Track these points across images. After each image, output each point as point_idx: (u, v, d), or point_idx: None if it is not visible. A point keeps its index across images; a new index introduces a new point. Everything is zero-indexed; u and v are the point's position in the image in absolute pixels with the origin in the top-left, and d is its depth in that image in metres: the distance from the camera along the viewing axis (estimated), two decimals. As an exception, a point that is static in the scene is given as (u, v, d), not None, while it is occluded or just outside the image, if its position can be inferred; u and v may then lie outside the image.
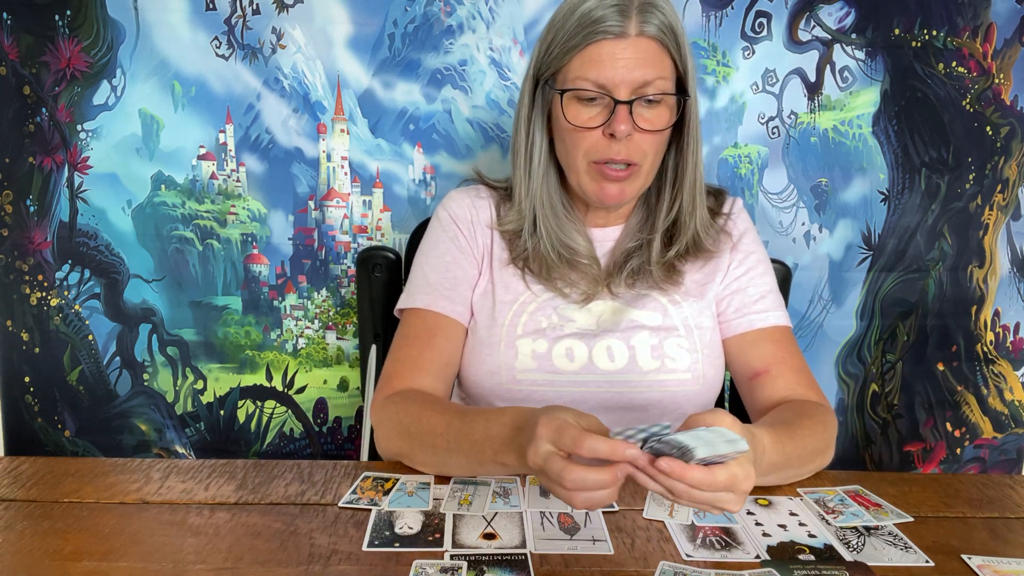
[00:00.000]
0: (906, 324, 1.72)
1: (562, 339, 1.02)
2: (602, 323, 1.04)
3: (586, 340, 1.02)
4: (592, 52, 0.93)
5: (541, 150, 1.02)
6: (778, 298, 1.07)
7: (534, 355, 1.01)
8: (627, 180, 0.97)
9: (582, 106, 0.95)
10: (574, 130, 0.96)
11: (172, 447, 1.74)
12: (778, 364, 1.01)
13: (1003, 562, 0.72)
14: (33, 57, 1.55)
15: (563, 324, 1.03)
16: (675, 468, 0.65)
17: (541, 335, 1.02)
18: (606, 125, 0.94)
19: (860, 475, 0.91)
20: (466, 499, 0.80)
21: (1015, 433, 1.77)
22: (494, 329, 1.02)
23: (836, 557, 0.72)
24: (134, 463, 0.88)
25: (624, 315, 1.04)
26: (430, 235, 1.09)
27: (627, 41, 0.92)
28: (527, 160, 1.03)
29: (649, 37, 0.93)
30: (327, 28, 1.55)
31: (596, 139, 0.95)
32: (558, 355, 1.01)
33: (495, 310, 1.04)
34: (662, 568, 0.69)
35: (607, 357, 1.02)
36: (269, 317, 1.68)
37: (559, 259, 1.03)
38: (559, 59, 0.96)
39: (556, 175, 1.05)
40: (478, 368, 1.02)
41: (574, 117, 0.95)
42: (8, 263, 1.64)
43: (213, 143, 1.60)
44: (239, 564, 0.68)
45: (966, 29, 1.59)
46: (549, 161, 1.03)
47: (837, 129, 1.63)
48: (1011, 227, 1.68)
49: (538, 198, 1.03)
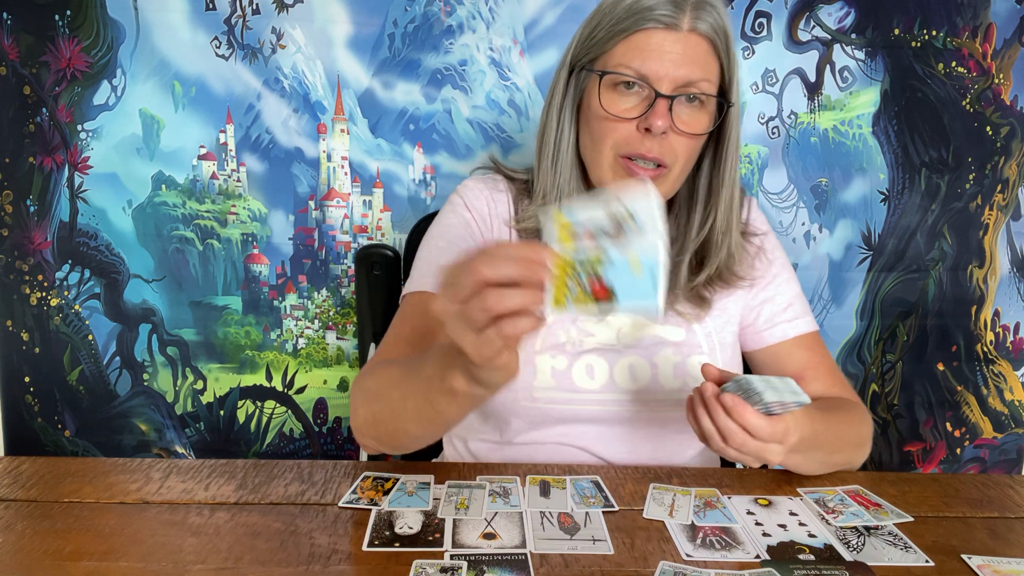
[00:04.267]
0: (906, 324, 1.72)
1: (582, 355, 0.97)
2: (623, 337, 0.99)
3: (607, 357, 0.98)
4: (639, 40, 0.87)
5: (569, 143, 0.96)
6: (804, 301, 1.05)
7: (553, 372, 0.96)
8: (653, 183, 0.89)
9: (619, 95, 0.89)
10: (606, 119, 0.89)
11: (172, 447, 1.74)
12: (812, 370, 0.99)
13: (1003, 562, 0.72)
14: (33, 57, 1.55)
15: (582, 339, 0.98)
16: (737, 407, 0.71)
17: (560, 351, 0.97)
18: (642, 118, 0.88)
19: (860, 475, 0.91)
20: (463, 503, 0.80)
21: (1015, 433, 1.77)
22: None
23: (836, 557, 0.72)
24: (134, 463, 0.88)
25: (646, 329, 0.99)
26: (442, 220, 1.03)
27: (677, 34, 0.87)
28: (555, 152, 0.96)
29: (700, 35, 0.88)
30: (327, 28, 1.55)
31: (628, 132, 0.89)
32: (578, 373, 0.97)
33: None
34: (662, 568, 0.69)
35: (629, 376, 0.97)
36: (269, 317, 1.68)
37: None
38: (602, 44, 0.90)
39: (580, 173, 0.98)
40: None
41: (609, 104, 0.89)
42: (8, 263, 1.64)
43: (213, 143, 1.60)
44: (239, 564, 0.68)
45: (966, 29, 1.59)
46: (575, 156, 0.97)
47: (837, 129, 1.63)
48: (1011, 227, 1.68)
49: (566, 194, 0.97)
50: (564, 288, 0.59)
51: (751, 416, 0.70)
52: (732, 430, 0.73)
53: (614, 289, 0.58)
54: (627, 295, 0.58)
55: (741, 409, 0.71)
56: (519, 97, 1.60)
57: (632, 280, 0.57)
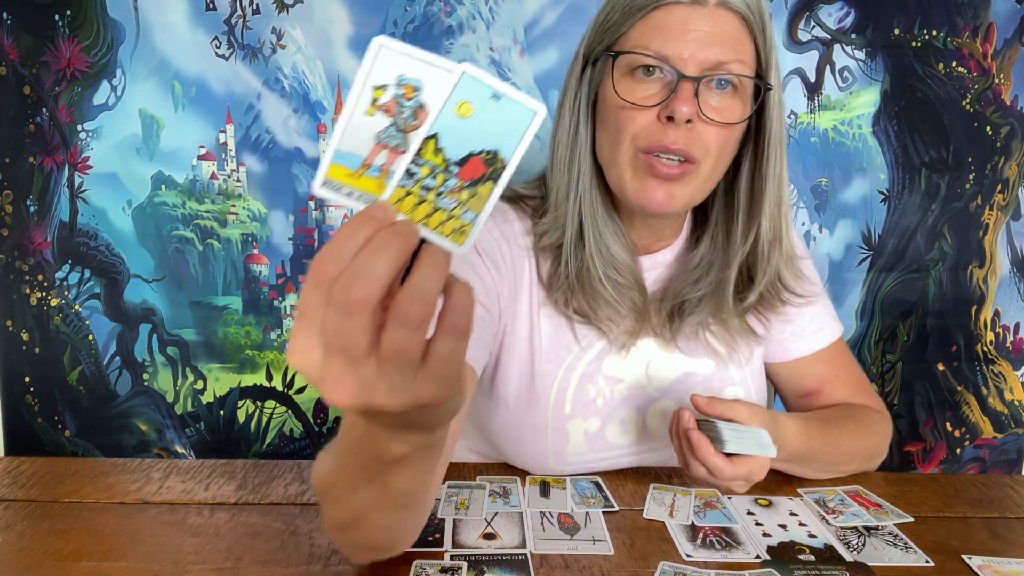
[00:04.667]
0: (906, 324, 1.71)
1: (615, 412, 0.90)
2: (652, 373, 0.90)
3: (639, 407, 0.90)
4: (658, 17, 0.76)
5: (586, 143, 0.84)
6: (827, 304, 0.98)
7: (587, 436, 0.88)
8: (679, 182, 0.78)
9: (636, 81, 0.77)
10: (623, 108, 0.78)
11: (172, 447, 1.74)
12: (831, 383, 0.95)
13: (1003, 562, 0.72)
14: (33, 57, 1.55)
15: (612, 389, 0.89)
16: (701, 447, 0.72)
17: (592, 410, 0.88)
18: (664, 105, 0.76)
19: (860, 475, 0.91)
20: (462, 503, 0.80)
21: (1015, 433, 1.77)
22: (538, 411, 0.87)
23: (836, 557, 0.72)
24: (134, 463, 0.88)
25: (674, 360, 0.91)
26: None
27: (704, 10, 0.75)
28: (569, 153, 0.84)
29: (730, 9, 0.76)
30: (327, 28, 1.55)
31: (649, 121, 0.77)
32: (612, 431, 0.90)
33: (535, 385, 0.87)
34: (662, 568, 0.68)
35: (662, 422, 0.91)
36: (269, 317, 1.68)
37: (606, 280, 0.84)
38: (617, 27, 0.78)
39: (598, 176, 0.86)
40: (519, 450, 0.89)
41: (626, 92, 0.77)
42: (8, 263, 1.64)
43: (213, 143, 1.60)
44: (239, 564, 0.68)
45: (966, 29, 1.59)
46: (593, 161, 0.85)
47: (837, 129, 1.63)
48: (1011, 227, 1.68)
49: (586, 202, 0.84)
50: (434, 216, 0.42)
51: (713, 458, 0.71)
52: (695, 466, 0.74)
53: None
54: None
55: (704, 451, 0.71)
56: (519, 97, 1.60)
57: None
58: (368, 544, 0.63)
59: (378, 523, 0.59)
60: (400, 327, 0.38)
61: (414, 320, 0.37)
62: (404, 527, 0.63)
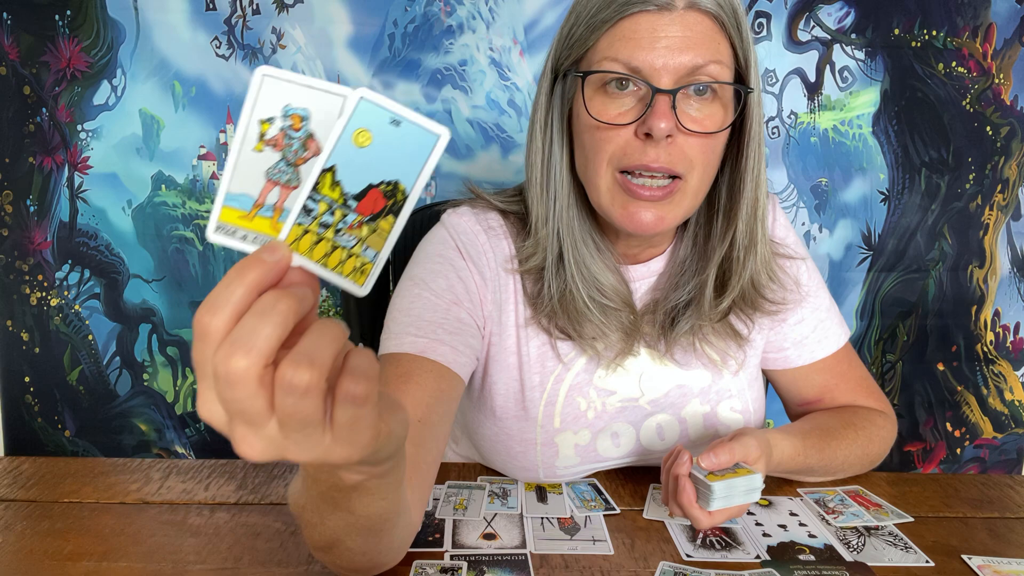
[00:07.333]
0: (906, 324, 1.71)
1: (608, 425, 0.87)
2: (645, 386, 0.87)
3: (632, 420, 0.87)
4: (625, 28, 0.71)
5: (561, 164, 0.79)
6: (834, 309, 0.94)
7: (576, 449, 0.86)
8: (666, 201, 0.74)
9: (609, 97, 0.73)
10: (597, 128, 0.73)
11: (172, 447, 1.74)
12: (831, 391, 0.93)
13: (1003, 562, 0.72)
14: (33, 57, 1.55)
15: (604, 402, 0.86)
16: (684, 496, 0.72)
17: (582, 422, 0.86)
18: (640, 122, 0.71)
19: (860, 475, 0.91)
20: (462, 503, 0.80)
21: (1015, 433, 1.77)
22: (527, 424, 0.85)
23: (836, 557, 0.72)
24: (134, 463, 0.88)
25: (667, 371, 0.87)
26: (429, 262, 0.84)
27: (672, 15, 0.71)
28: (544, 175, 0.80)
29: (701, 11, 0.71)
30: (327, 28, 1.55)
31: (626, 140, 0.73)
32: (603, 444, 0.87)
33: (524, 397, 0.85)
34: (662, 568, 0.69)
35: (657, 436, 0.88)
36: (269, 317, 1.68)
37: (591, 303, 0.80)
38: (584, 40, 0.74)
39: (578, 196, 0.82)
40: (507, 462, 0.87)
41: (600, 111, 0.73)
42: (8, 263, 1.64)
43: (213, 143, 1.60)
44: (239, 564, 0.68)
45: (966, 29, 1.59)
46: (571, 178, 0.81)
47: (837, 129, 1.63)
48: (1011, 227, 1.68)
49: (564, 223, 0.80)
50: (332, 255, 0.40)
51: (692, 509, 0.71)
52: (674, 507, 0.74)
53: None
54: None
55: (685, 500, 0.71)
56: (519, 97, 1.60)
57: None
58: (349, 566, 0.62)
59: (351, 547, 0.58)
60: (286, 395, 0.35)
61: (298, 388, 0.35)
62: (380, 549, 0.61)
